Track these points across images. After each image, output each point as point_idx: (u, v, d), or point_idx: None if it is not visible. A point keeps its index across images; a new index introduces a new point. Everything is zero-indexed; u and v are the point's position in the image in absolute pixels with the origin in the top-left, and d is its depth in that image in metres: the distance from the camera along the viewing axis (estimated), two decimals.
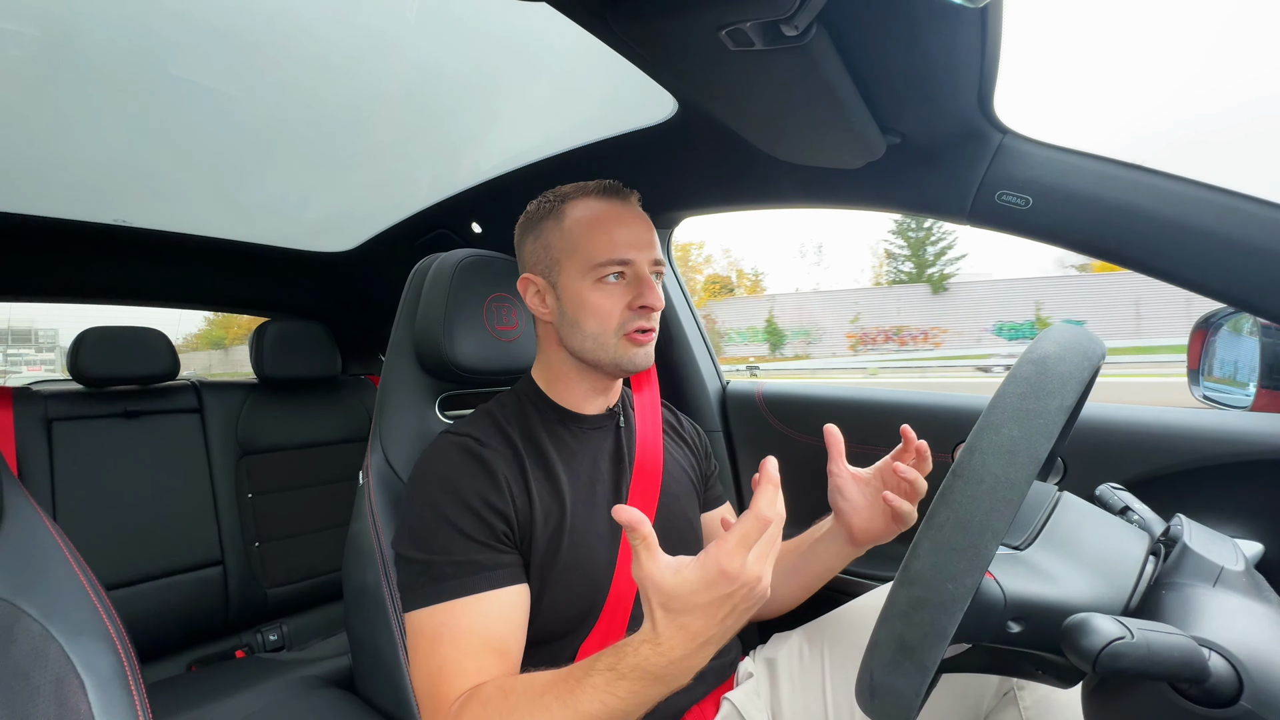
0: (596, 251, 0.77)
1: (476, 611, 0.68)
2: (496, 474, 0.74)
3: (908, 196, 0.93)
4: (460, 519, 0.71)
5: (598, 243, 0.77)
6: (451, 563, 0.69)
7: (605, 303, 0.77)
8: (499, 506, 0.72)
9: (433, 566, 0.69)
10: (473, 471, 0.74)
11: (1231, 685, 0.36)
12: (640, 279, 0.78)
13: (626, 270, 0.78)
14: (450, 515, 0.71)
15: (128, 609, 1.45)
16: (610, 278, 0.77)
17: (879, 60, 0.69)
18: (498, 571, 0.70)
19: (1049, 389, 0.40)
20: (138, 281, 1.84)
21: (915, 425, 0.79)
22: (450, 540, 0.70)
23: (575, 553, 0.76)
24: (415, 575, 0.70)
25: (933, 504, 0.40)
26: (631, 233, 0.78)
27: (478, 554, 0.70)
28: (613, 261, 0.77)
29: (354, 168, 1.42)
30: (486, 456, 0.75)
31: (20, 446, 1.43)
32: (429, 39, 0.95)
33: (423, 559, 0.70)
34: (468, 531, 0.71)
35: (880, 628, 0.41)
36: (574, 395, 0.85)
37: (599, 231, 0.77)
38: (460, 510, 0.71)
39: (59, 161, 1.26)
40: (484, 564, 0.70)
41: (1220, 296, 0.75)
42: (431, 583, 0.69)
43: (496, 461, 0.75)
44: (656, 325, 0.81)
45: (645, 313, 0.78)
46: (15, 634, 0.55)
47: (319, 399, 1.93)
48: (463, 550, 0.70)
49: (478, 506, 0.72)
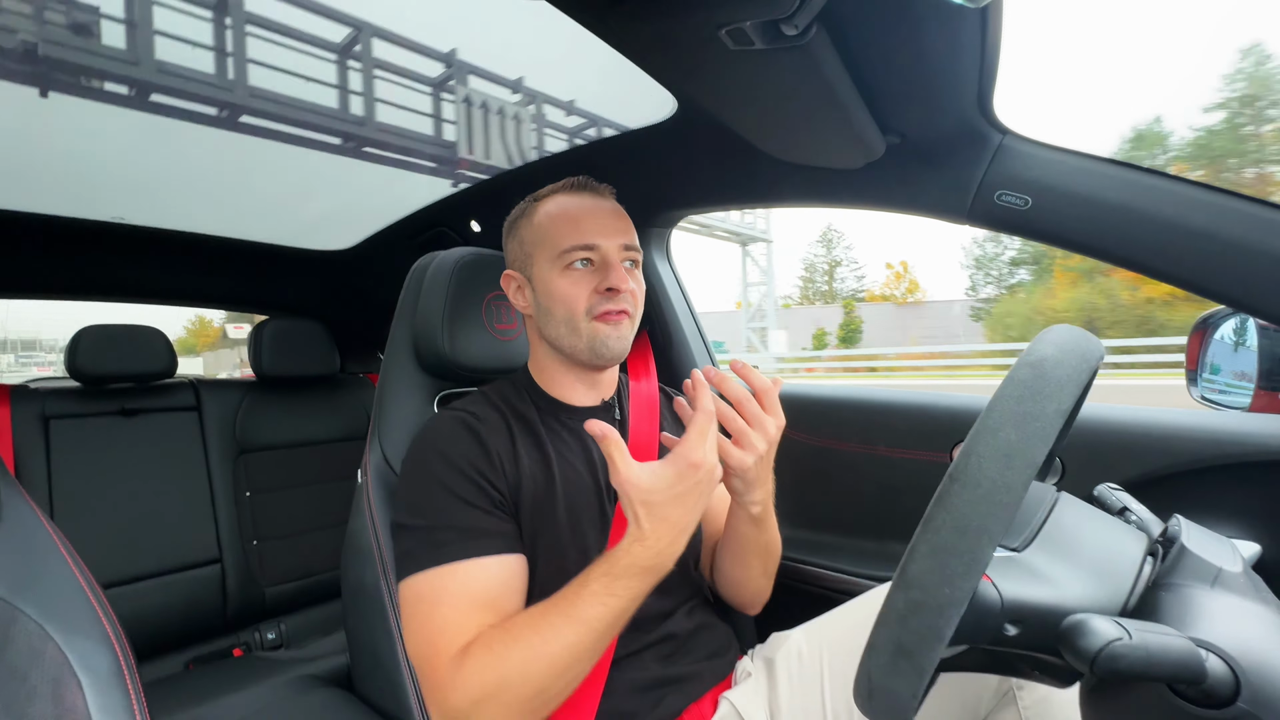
0: (562, 239, 0.79)
1: (474, 575, 0.69)
2: (489, 446, 0.76)
3: (907, 196, 0.93)
4: (459, 486, 0.72)
5: (563, 231, 0.79)
6: (453, 527, 0.70)
7: (572, 289, 0.79)
8: (491, 478, 0.74)
9: (434, 531, 0.70)
10: (467, 442, 0.76)
11: (1229, 686, 0.36)
12: (607, 263, 0.79)
13: (594, 256, 0.80)
14: (449, 483, 0.72)
15: (125, 607, 1.45)
16: (577, 264, 0.79)
17: (879, 60, 0.69)
18: (497, 538, 0.72)
19: (1046, 392, 0.40)
20: (136, 279, 1.84)
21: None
22: (450, 506, 0.71)
23: (561, 530, 0.77)
24: (415, 542, 0.71)
25: (930, 507, 0.40)
26: (597, 221, 0.80)
27: (479, 520, 0.72)
28: (577, 247, 0.79)
29: (354, 166, 1.41)
30: (480, 430, 0.77)
31: (17, 444, 1.43)
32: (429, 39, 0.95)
33: (423, 525, 0.71)
34: (467, 498, 0.72)
35: (877, 630, 0.41)
36: (563, 386, 0.86)
37: (565, 221, 0.80)
38: (458, 478, 0.73)
39: (59, 160, 1.26)
40: (484, 529, 0.71)
41: (1218, 297, 0.75)
42: (432, 548, 0.70)
43: (488, 434, 0.77)
44: (630, 310, 0.81)
45: (612, 295, 0.79)
46: (12, 633, 0.55)
47: (317, 397, 1.92)
48: (464, 516, 0.71)
49: (474, 475, 0.73)
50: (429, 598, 0.68)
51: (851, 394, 1.22)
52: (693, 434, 0.62)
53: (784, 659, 0.84)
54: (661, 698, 0.78)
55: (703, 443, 0.62)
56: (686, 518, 0.63)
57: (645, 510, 0.61)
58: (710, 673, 0.84)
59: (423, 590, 0.69)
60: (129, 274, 1.81)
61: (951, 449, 1.06)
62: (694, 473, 0.61)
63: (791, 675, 0.82)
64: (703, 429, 0.62)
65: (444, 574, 0.69)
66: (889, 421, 1.11)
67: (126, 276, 1.81)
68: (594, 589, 0.62)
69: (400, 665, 0.80)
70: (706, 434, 0.62)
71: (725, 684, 0.86)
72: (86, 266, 1.72)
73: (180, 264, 1.85)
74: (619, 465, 0.61)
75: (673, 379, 1.35)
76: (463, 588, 0.68)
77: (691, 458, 0.61)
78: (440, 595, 0.68)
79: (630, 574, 0.62)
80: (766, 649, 0.88)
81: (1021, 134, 0.84)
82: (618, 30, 0.66)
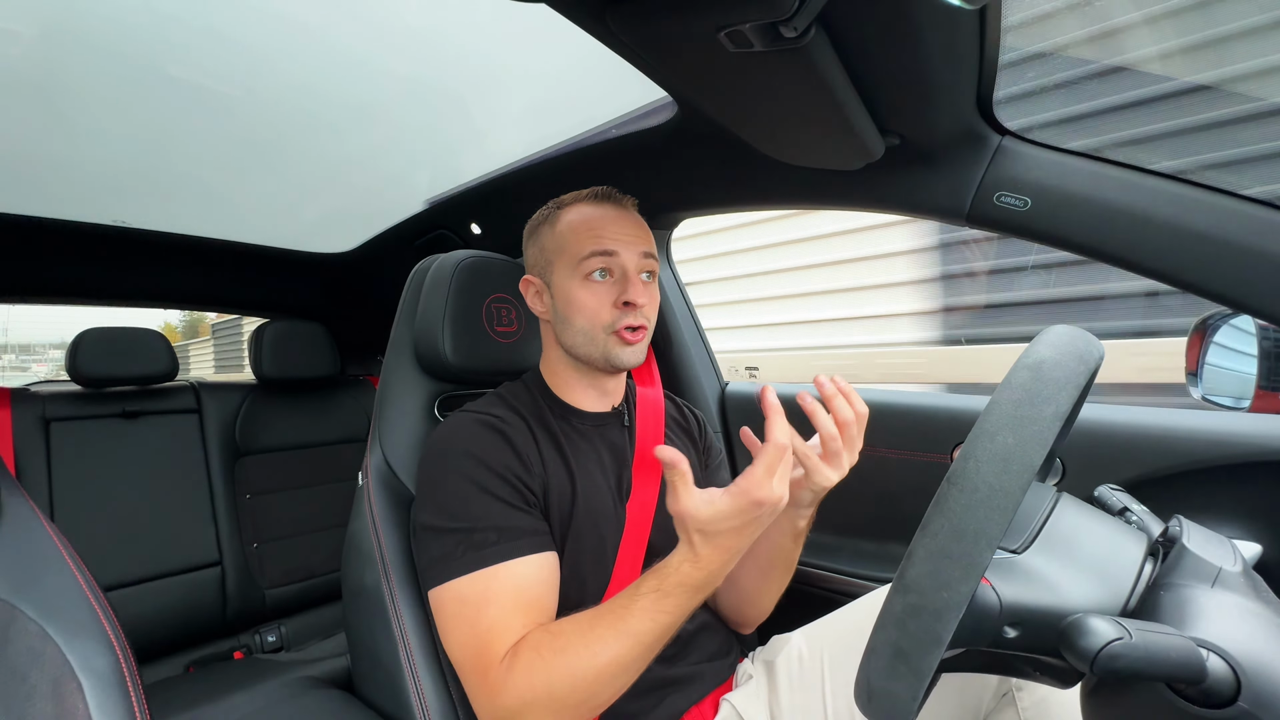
0: (583, 245, 0.80)
1: (519, 574, 0.69)
2: (518, 447, 0.77)
3: (906, 198, 0.94)
4: (496, 487, 0.73)
5: (584, 238, 0.80)
6: (495, 528, 0.70)
7: (592, 300, 0.80)
8: (523, 478, 0.75)
9: (475, 533, 0.70)
10: (497, 444, 0.76)
11: (1229, 686, 0.36)
12: (626, 275, 0.80)
13: (613, 267, 0.80)
14: (485, 483, 0.72)
15: (126, 609, 1.45)
16: (597, 274, 0.80)
17: (878, 62, 0.69)
18: (535, 537, 0.72)
19: (1044, 395, 0.40)
20: (137, 283, 1.84)
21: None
22: (489, 507, 0.71)
23: (582, 532, 0.77)
24: (453, 545, 0.70)
25: (928, 511, 0.40)
26: (618, 228, 0.81)
27: (518, 519, 0.72)
28: (596, 253, 0.79)
29: (354, 168, 1.42)
30: (507, 431, 0.77)
31: (18, 446, 1.43)
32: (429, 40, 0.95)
33: (462, 527, 0.71)
34: (505, 498, 0.72)
35: (876, 634, 0.41)
36: (575, 392, 0.87)
37: (586, 229, 0.81)
38: (493, 478, 0.73)
39: (59, 162, 1.26)
40: (525, 529, 0.72)
41: (1218, 298, 0.75)
42: (473, 549, 0.69)
43: (515, 436, 0.78)
44: (647, 324, 0.83)
45: (631, 310, 0.80)
46: (12, 634, 0.55)
47: (318, 400, 1.93)
48: (504, 516, 0.71)
49: (508, 475, 0.74)
50: (474, 600, 0.68)
51: None
52: (759, 470, 0.58)
53: (784, 661, 0.84)
54: (662, 699, 0.78)
55: (770, 479, 0.58)
56: (742, 544, 0.62)
57: (701, 537, 0.60)
58: (711, 674, 0.84)
59: (466, 593, 0.68)
60: (130, 278, 1.81)
61: (952, 450, 1.05)
62: (756, 509, 0.58)
63: (792, 678, 0.82)
64: (771, 464, 0.58)
65: (489, 576, 0.68)
66: (889, 423, 1.11)
67: (127, 281, 1.82)
68: (643, 604, 0.62)
69: (401, 666, 0.80)
70: (775, 469, 0.58)
71: (726, 686, 0.86)
72: (87, 270, 1.73)
73: (181, 268, 1.86)
74: (680, 495, 0.60)
75: (673, 382, 1.35)
76: (508, 589, 0.68)
77: (756, 495, 0.58)
78: (487, 597, 0.67)
79: (680, 591, 0.61)
80: (767, 651, 0.88)
81: (1021, 135, 0.84)
82: (616, 32, 0.66)
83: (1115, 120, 2.33)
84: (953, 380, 2.88)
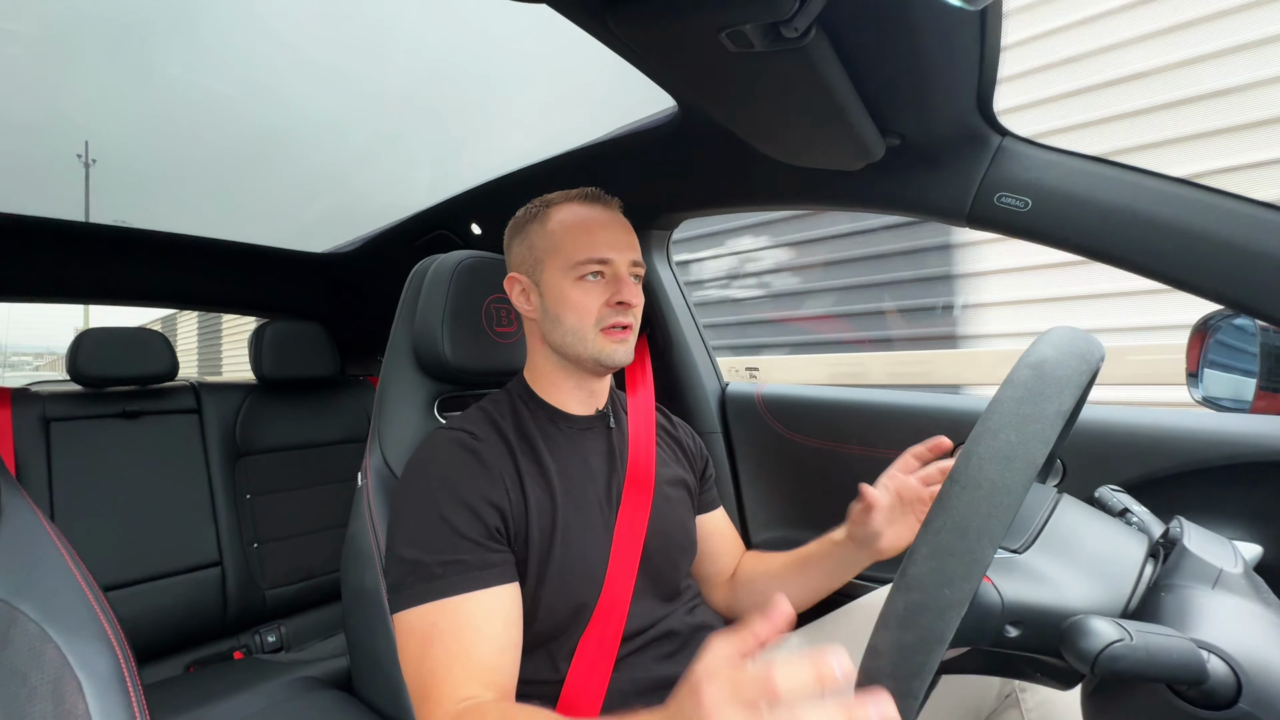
0: (577, 250, 0.80)
1: (466, 611, 0.68)
2: (491, 469, 0.75)
3: (907, 198, 0.94)
4: (455, 516, 0.71)
5: (579, 243, 0.80)
6: (441, 562, 0.69)
7: (584, 299, 0.80)
8: (495, 501, 0.73)
9: (420, 566, 0.69)
10: (469, 467, 0.75)
11: (1230, 687, 0.36)
12: (618, 277, 0.81)
13: (605, 269, 0.81)
14: (444, 512, 0.71)
15: (126, 610, 1.45)
16: (589, 276, 0.80)
17: (878, 62, 0.69)
18: (487, 571, 0.70)
19: (1046, 393, 0.40)
20: (137, 282, 1.84)
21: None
22: (442, 538, 0.70)
23: (568, 548, 0.76)
24: (404, 574, 0.70)
25: (930, 509, 0.40)
26: (611, 235, 0.82)
27: (468, 553, 0.70)
28: (592, 260, 0.80)
29: (354, 168, 1.42)
30: (481, 451, 0.76)
31: (18, 446, 1.43)
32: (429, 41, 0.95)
33: (411, 558, 0.70)
34: (461, 529, 0.71)
35: (878, 632, 0.41)
36: (561, 394, 0.86)
37: (580, 233, 0.81)
38: (456, 507, 0.71)
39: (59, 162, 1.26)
40: (472, 563, 0.70)
41: (1219, 299, 0.75)
42: (420, 582, 0.69)
43: (491, 456, 0.76)
44: (634, 323, 0.83)
45: (622, 309, 0.81)
46: (12, 635, 0.55)
47: (317, 400, 1.93)
48: (453, 549, 0.70)
49: (474, 503, 0.72)
50: (419, 635, 0.67)
51: (852, 396, 1.22)
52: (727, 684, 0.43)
53: None
54: (662, 698, 0.78)
55: None
56: None
57: None
58: None
59: (414, 627, 0.68)
60: (130, 278, 1.81)
61: (953, 451, 1.06)
62: None
63: None
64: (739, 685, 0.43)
65: (435, 611, 0.67)
66: (890, 423, 1.11)
67: (127, 280, 1.82)
68: None
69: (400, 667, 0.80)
70: None
71: None
72: (88, 270, 1.73)
73: (181, 268, 1.86)
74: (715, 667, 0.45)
75: (673, 382, 1.35)
76: (453, 625, 0.67)
77: None
78: (431, 634, 0.67)
79: None
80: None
81: (1021, 136, 0.84)
82: (617, 33, 0.66)
83: None
84: None
